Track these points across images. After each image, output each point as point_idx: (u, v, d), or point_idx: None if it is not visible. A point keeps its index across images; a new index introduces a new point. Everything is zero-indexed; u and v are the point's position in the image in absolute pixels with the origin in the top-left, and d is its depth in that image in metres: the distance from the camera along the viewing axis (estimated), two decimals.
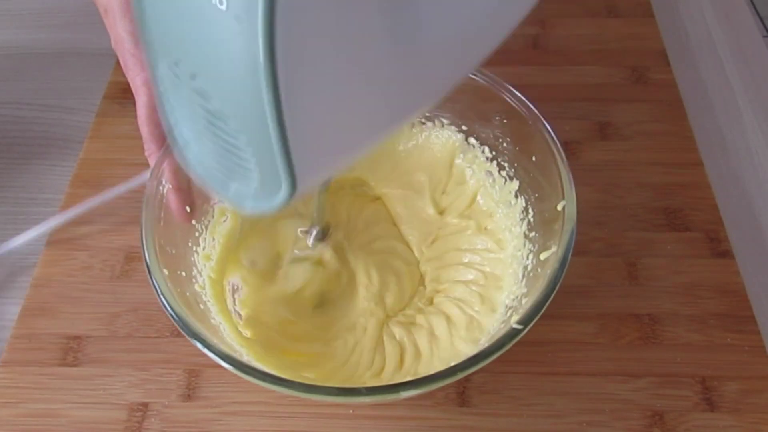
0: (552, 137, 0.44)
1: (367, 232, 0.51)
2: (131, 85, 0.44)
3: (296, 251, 0.48)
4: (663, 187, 0.56)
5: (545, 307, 0.38)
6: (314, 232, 0.47)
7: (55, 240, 0.54)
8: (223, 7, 0.23)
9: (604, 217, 0.53)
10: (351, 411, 0.45)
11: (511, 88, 0.46)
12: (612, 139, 0.59)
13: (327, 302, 0.48)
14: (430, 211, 0.51)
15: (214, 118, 0.27)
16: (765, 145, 0.59)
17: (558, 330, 0.48)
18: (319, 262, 0.48)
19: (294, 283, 0.48)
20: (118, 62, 0.66)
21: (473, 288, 0.47)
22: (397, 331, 0.46)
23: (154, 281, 0.39)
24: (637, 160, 0.57)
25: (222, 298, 0.45)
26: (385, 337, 0.46)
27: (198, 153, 0.30)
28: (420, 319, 0.47)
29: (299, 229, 0.48)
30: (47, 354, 0.48)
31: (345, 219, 0.51)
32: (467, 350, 0.43)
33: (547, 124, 0.44)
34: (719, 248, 0.52)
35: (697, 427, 0.44)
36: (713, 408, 0.45)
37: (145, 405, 0.46)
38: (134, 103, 0.62)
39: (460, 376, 0.36)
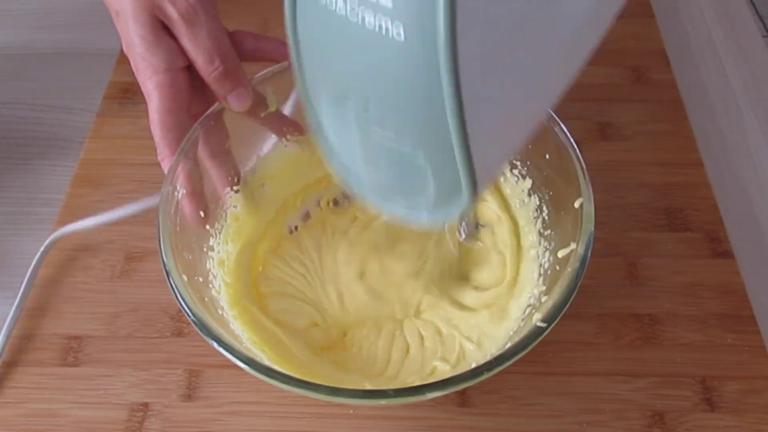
0: (566, 135, 0.43)
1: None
2: (142, 88, 0.44)
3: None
4: (663, 187, 0.56)
5: (569, 304, 0.38)
6: (471, 226, 0.46)
7: (55, 240, 0.54)
8: (401, 39, 0.23)
9: (604, 217, 0.53)
10: (351, 411, 0.45)
11: None
12: (612, 139, 0.59)
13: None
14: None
15: (389, 141, 0.27)
16: (765, 145, 0.59)
17: (558, 330, 0.47)
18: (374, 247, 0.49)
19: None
20: (118, 62, 0.67)
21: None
22: (409, 327, 0.47)
23: (174, 286, 0.39)
24: (637, 160, 0.57)
25: (237, 301, 0.45)
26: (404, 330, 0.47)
27: (364, 175, 0.31)
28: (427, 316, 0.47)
29: (461, 220, 0.47)
30: (47, 354, 0.48)
31: None
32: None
33: (561, 122, 0.44)
34: (719, 248, 0.52)
35: (698, 428, 0.44)
36: (713, 408, 0.45)
37: (146, 405, 0.46)
38: (134, 103, 0.63)
39: (487, 376, 0.36)
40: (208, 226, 0.46)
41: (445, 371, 0.44)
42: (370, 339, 0.46)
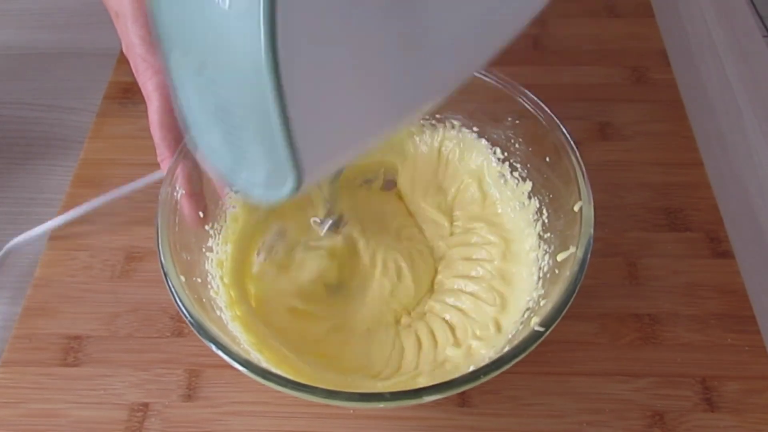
0: (567, 138, 0.43)
1: (382, 223, 0.51)
2: (142, 90, 0.44)
3: (310, 242, 0.48)
4: (663, 187, 0.56)
5: (567, 308, 0.38)
6: (328, 223, 0.46)
7: (55, 240, 0.54)
8: (225, 6, 0.23)
9: (604, 217, 0.53)
10: (351, 411, 0.45)
11: (523, 89, 0.46)
12: (612, 139, 0.59)
13: (341, 292, 0.48)
14: (436, 214, 0.51)
15: (222, 108, 0.28)
16: (765, 145, 0.59)
17: (558, 330, 0.47)
18: (332, 252, 0.48)
19: (307, 272, 0.48)
20: (118, 62, 0.67)
21: (483, 285, 0.47)
22: (414, 324, 0.47)
23: (172, 287, 0.39)
24: (637, 160, 0.57)
25: (234, 303, 0.45)
26: (401, 331, 0.47)
27: (209, 141, 0.31)
28: (433, 313, 0.47)
29: (312, 219, 0.47)
30: (47, 354, 0.48)
31: (359, 211, 0.51)
32: (480, 347, 0.44)
33: (561, 125, 0.44)
34: (719, 248, 0.52)
35: (698, 428, 0.44)
36: (713, 408, 0.45)
37: (146, 405, 0.46)
38: (134, 103, 0.63)
39: (484, 380, 0.36)
40: (207, 227, 0.46)
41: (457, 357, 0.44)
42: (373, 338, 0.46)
